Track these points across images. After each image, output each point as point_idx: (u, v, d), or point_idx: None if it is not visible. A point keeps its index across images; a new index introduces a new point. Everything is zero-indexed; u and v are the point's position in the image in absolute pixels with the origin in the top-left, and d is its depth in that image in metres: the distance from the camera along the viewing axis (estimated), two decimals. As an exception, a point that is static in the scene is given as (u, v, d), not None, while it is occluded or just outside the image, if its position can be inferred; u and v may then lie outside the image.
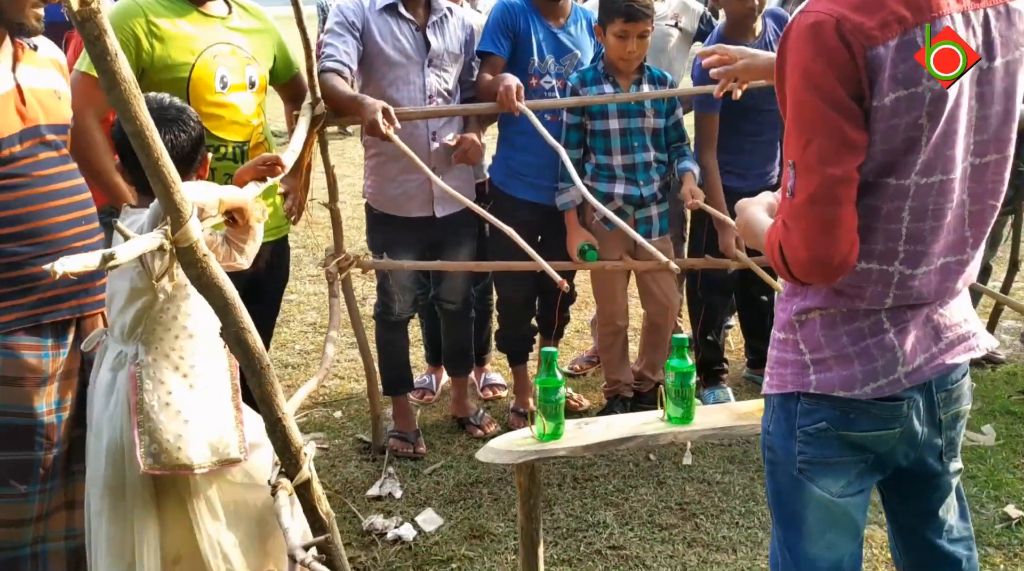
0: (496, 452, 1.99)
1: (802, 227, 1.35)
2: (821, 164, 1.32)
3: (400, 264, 3.12)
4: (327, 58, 2.90)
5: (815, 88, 1.32)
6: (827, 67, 1.30)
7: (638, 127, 3.14)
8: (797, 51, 1.33)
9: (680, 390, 2.12)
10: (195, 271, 1.60)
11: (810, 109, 1.33)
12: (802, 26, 1.32)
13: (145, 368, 1.89)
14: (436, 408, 3.74)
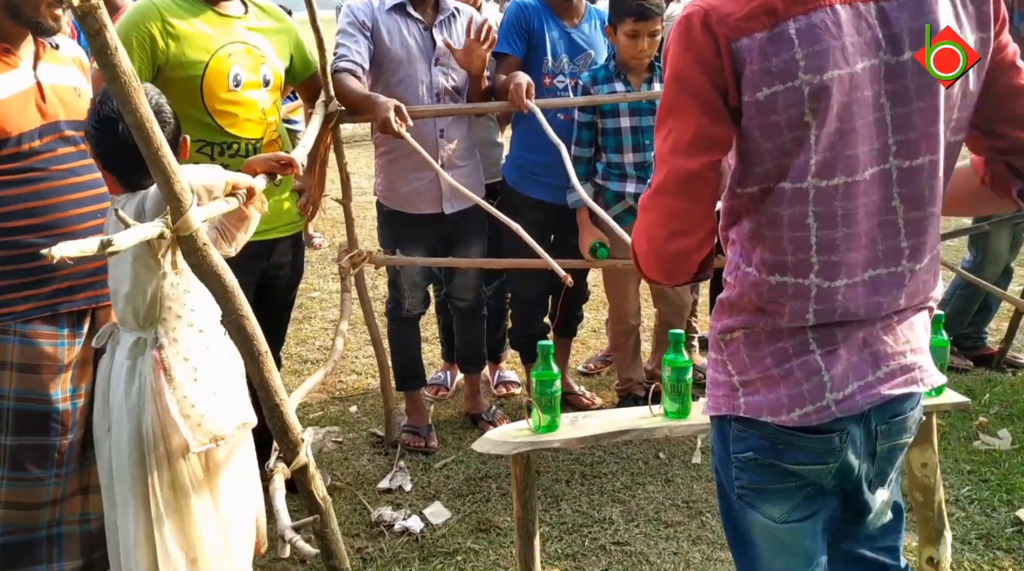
0: (492, 443, 2.02)
1: (648, 218, 1.32)
2: (674, 155, 1.27)
3: (411, 260, 3.16)
4: (340, 58, 2.96)
5: (677, 79, 1.27)
6: (691, 58, 1.25)
7: (649, 125, 3.16)
8: (670, 44, 1.29)
9: (676, 385, 2.13)
10: (195, 259, 1.65)
11: (672, 100, 1.28)
12: (678, 20, 1.29)
13: (168, 349, 1.93)
14: (450, 404, 3.77)
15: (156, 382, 1.90)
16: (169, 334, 1.93)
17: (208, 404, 1.93)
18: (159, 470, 1.90)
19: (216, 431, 1.93)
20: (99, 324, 2.25)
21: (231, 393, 1.99)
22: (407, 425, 3.43)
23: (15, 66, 2.07)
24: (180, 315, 1.94)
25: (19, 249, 2.08)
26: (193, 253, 1.63)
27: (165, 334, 1.93)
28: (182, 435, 1.88)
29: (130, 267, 1.91)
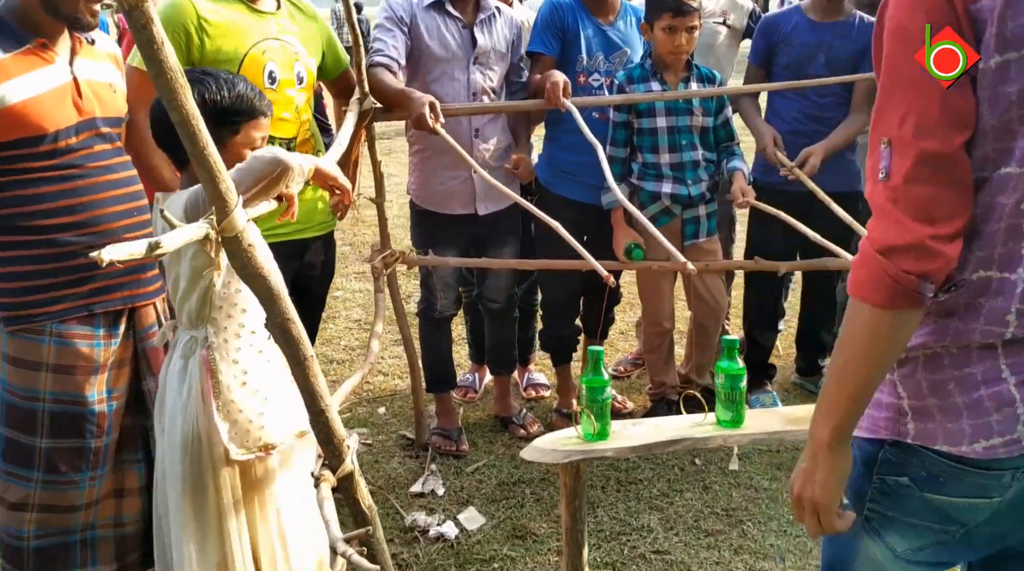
0: (541, 451, 1.97)
1: (898, 210, 1.13)
2: (920, 136, 1.12)
3: (444, 260, 3.12)
4: (376, 52, 2.92)
5: (910, 43, 1.13)
6: (925, 23, 1.11)
7: (686, 125, 3.10)
8: (893, 10, 1.16)
9: (730, 393, 2.07)
10: (240, 261, 1.60)
11: (906, 73, 1.14)
12: None
13: (217, 349, 1.87)
14: (479, 407, 3.73)
15: (203, 383, 1.85)
16: (219, 334, 1.88)
17: (257, 410, 1.88)
18: (206, 475, 1.85)
19: (266, 439, 1.88)
20: (136, 324, 2.21)
21: (286, 399, 1.93)
22: (437, 428, 3.38)
23: (52, 61, 2.03)
24: (231, 315, 1.89)
25: (55, 248, 2.05)
26: (238, 254, 1.59)
27: (215, 334, 1.87)
28: (223, 441, 1.83)
29: (187, 265, 1.86)
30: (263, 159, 1.71)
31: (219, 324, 1.88)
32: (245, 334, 1.90)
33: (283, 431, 1.91)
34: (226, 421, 1.84)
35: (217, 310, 1.88)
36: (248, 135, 1.91)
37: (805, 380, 3.76)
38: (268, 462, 1.90)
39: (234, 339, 1.89)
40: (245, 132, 1.90)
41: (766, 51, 3.32)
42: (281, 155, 1.73)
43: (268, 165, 1.70)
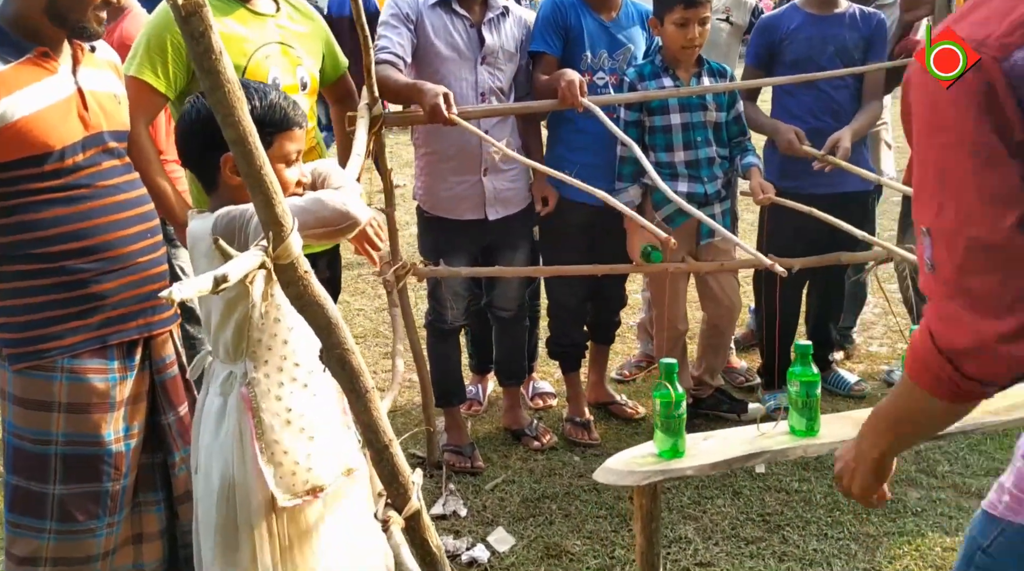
0: (617, 473, 1.86)
1: (956, 306, 1.05)
2: (966, 225, 1.02)
3: (456, 271, 2.99)
4: (381, 50, 2.78)
5: (936, 130, 1.04)
6: (950, 99, 1.02)
7: (700, 121, 3.02)
8: (918, 89, 1.08)
9: (806, 400, 1.98)
10: (296, 289, 1.47)
11: (938, 158, 1.05)
12: (920, 59, 1.07)
13: (257, 386, 1.71)
14: (485, 419, 3.60)
15: (243, 424, 1.69)
16: (260, 369, 1.72)
17: (304, 450, 1.73)
18: (247, 525, 1.69)
19: (314, 481, 1.74)
20: (153, 354, 2.05)
21: (333, 436, 1.79)
22: (448, 444, 3.25)
23: (55, 72, 1.86)
24: (272, 347, 1.73)
25: (65, 275, 1.88)
26: (293, 283, 1.45)
27: (256, 369, 1.71)
28: (268, 487, 1.68)
29: (218, 296, 1.70)
30: (332, 206, 1.59)
31: (259, 358, 1.73)
32: (288, 367, 1.75)
33: (331, 470, 1.77)
34: (270, 465, 1.69)
35: (256, 343, 1.72)
36: (282, 148, 1.76)
37: (814, 377, 3.71)
38: (316, 505, 1.75)
39: (276, 373, 1.74)
40: (279, 144, 1.75)
41: (766, 51, 3.24)
42: (352, 208, 1.61)
43: (336, 216, 1.59)
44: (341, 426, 1.83)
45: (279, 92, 1.80)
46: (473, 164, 2.96)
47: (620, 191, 3.07)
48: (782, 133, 3.10)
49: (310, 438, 1.74)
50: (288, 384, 1.75)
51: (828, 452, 1.99)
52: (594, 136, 3.07)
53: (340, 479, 1.79)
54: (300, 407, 1.75)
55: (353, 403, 1.57)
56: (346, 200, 1.65)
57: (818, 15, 3.21)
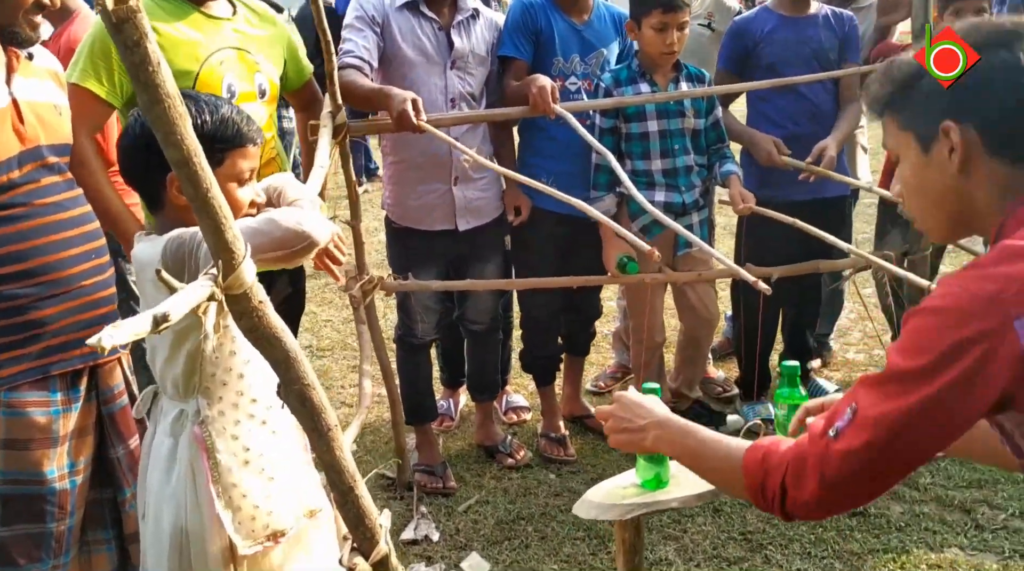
0: (598, 507, 1.74)
1: (823, 474, 1.10)
2: (889, 442, 1.07)
3: (427, 285, 2.87)
4: (345, 54, 2.66)
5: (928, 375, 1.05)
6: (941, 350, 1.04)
7: (678, 128, 2.93)
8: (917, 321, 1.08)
9: None
10: (249, 322, 1.34)
11: (908, 398, 1.05)
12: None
13: (212, 424, 1.58)
14: (457, 436, 3.49)
15: (197, 466, 1.56)
16: (214, 406, 1.59)
17: (264, 492, 1.60)
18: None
19: (275, 525, 1.61)
20: (100, 384, 1.91)
21: (294, 475, 1.66)
22: (420, 464, 3.13)
23: (-14, 83, 1.71)
24: (226, 382, 1.60)
25: (2, 302, 1.74)
26: (247, 315, 1.33)
27: (209, 406, 1.58)
28: (226, 534, 1.55)
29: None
30: (286, 226, 1.47)
31: (213, 394, 1.60)
32: (244, 403, 1.63)
33: (293, 513, 1.64)
34: (228, 509, 1.55)
35: (209, 378, 1.59)
36: (235, 166, 1.63)
37: (792, 385, 3.64)
38: (277, 551, 1.63)
39: (232, 410, 1.61)
40: (231, 162, 1.62)
41: (740, 55, 3.15)
42: (309, 227, 1.48)
43: (292, 236, 1.47)
44: (303, 464, 1.71)
45: (232, 106, 1.67)
46: (443, 173, 2.84)
47: (595, 200, 2.96)
48: (760, 144, 3.01)
49: (270, 479, 1.62)
50: (245, 421, 1.62)
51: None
52: (566, 143, 2.97)
53: (303, 522, 1.67)
54: (259, 446, 1.62)
55: (315, 442, 1.45)
56: (301, 218, 1.52)
57: (792, 17, 3.14)
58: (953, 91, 1.14)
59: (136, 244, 1.65)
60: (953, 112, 1.14)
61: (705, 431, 1.35)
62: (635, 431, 1.42)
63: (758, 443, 1.23)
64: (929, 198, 1.21)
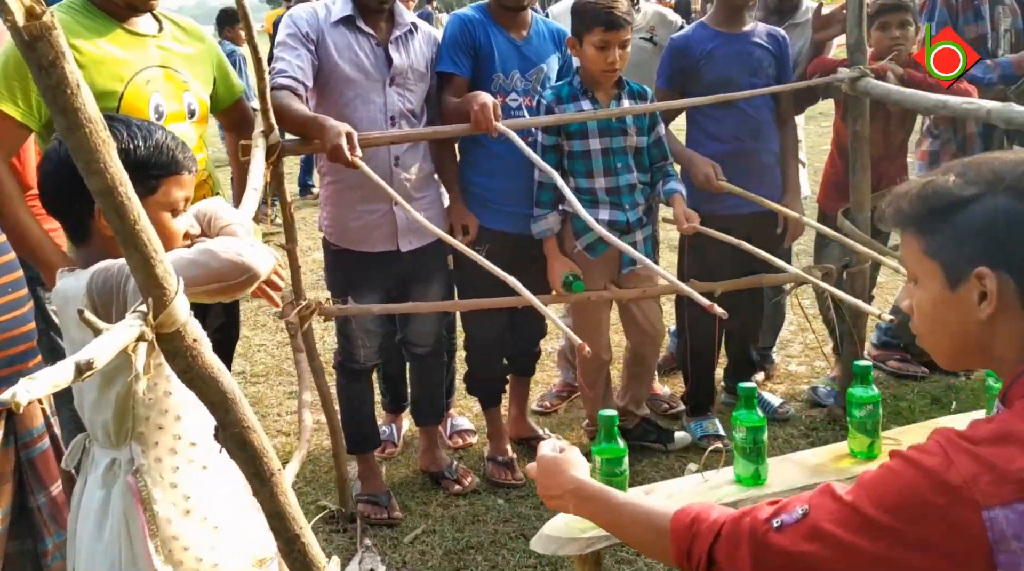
0: (557, 541, 1.68)
1: (764, 562, 1.11)
2: (815, 541, 1.07)
3: (368, 308, 2.77)
4: (278, 73, 2.55)
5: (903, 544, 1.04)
6: None
7: (620, 146, 2.89)
8: None
9: (753, 447, 1.85)
10: (183, 362, 1.24)
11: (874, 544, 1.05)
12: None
13: (147, 473, 1.47)
14: (401, 462, 3.38)
15: (131, 519, 1.44)
16: (150, 453, 1.47)
17: (208, 542, 1.48)
18: None
19: None
20: (18, 427, 1.77)
21: (239, 522, 1.55)
22: (362, 494, 3.02)
23: None
24: (162, 426, 1.49)
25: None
26: (180, 354, 1.23)
27: (144, 453, 1.47)
28: None
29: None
30: (226, 257, 1.37)
31: (148, 440, 1.48)
32: (183, 448, 1.51)
33: (239, 562, 1.53)
34: (168, 564, 1.44)
35: (143, 422, 1.48)
36: (169, 194, 1.52)
37: (734, 400, 3.64)
38: None
39: (169, 456, 1.50)
40: (166, 190, 1.52)
41: (681, 73, 3.14)
42: (250, 258, 1.38)
43: (232, 268, 1.37)
44: (248, 508, 1.60)
45: (166, 131, 1.57)
46: (383, 192, 2.74)
47: (539, 218, 2.92)
48: (700, 166, 3.00)
49: (214, 528, 1.51)
50: (184, 467, 1.51)
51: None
52: (508, 161, 2.92)
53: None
54: (200, 492, 1.51)
55: (256, 488, 1.34)
56: (241, 249, 1.43)
57: (731, 33, 3.14)
58: (994, 236, 1.08)
59: (59, 280, 1.52)
60: (990, 258, 1.08)
61: (621, 495, 1.36)
62: (556, 498, 1.41)
63: (687, 507, 1.24)
64: (945, 332, 1.17)
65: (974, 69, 3.31)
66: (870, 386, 1.93)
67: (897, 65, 3.09)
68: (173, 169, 1.52)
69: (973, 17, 3.37)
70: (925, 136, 3.61)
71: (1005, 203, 1.08)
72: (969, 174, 1.12)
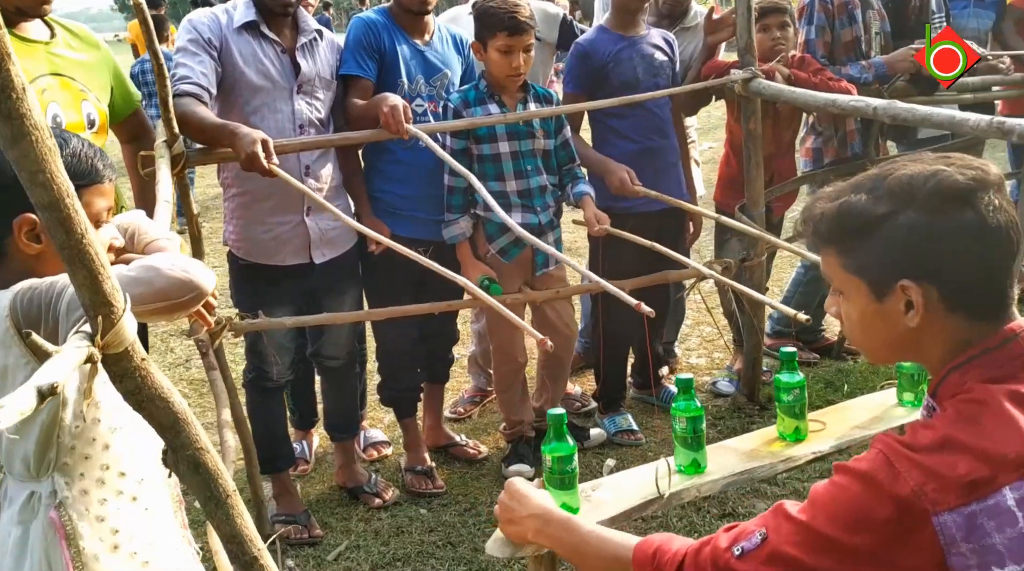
0: (513, 544, 1.66)
1: None
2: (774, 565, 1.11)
3: (281, 322, 2.69)
4: (181, 80, 2.44)
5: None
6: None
7: (529, 149, 2.92)
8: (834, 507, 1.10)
9: (692, 436, 1.88)
10: (132, 383, 1.17)
11: None
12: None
13: (72, 506, 1.37)
14: (315, 479, 3.29)
15: (53, 557, 1.34)
16: (75, 485, 1.37)
17: None
18: None
19: None
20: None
21: (171, 555, 1.46)
22: (279, 514, 2.92)
23: None
24: (89, 455, 1.39)
25: None
26: (129, 376, 1.16)
27: (69, 486, 1.36)
28: None
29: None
30: (171, 274, 1.29)
31: (73, 471, 1.38)
32: (111, 478, 1.42)
33: None
34: None
35: (68, 452, 1.38)
36: (92, 206, 1.43)
37: (644, 394, 3.73)
38: None
39: (97, 487, 1.40)
40: (88, 201, 1.42)
41: (590, 77, 3.19)
42: (196, 275, 1.31)
43: (177, 286, 1.29)
44: (180, 541, 1.52)
45: (81, 139, 1.47)
46: (295, 203, 2.68)
47: (450, 223, 2.91)
48: (615, 172, 3.05)
49: (144, 563, 1.42)
50: (113, 499, 1.42)
51: (723, 488, 1.92)
52: (414, 166, 2.90)
53: None
54: (130, 526, 1.42)
55: (211, 512, 1.28)
56: (187, 266, 1.36)
57: (631, 37, 3.22)
58: (913, 250, 1.11)
59: None
60: (911, 270, 1.12)
61: (585, 525, 1.38)
62: (516, 522, 1.44)
63: (649, 538, 1.27)
64: (876, 337, 1.21)
65: (851, 70, 3.53)
66: (796, 372, 2.01)
67: (784, 66, 3.25)
68: (94, 178, 1.43)
69: (848, 21, 3.58)
70: (809, 134, 3.79)
71: (918, 218, 1.11)
72: (879, 190, 1.15)
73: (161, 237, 1.57)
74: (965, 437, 1.06)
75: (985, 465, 1.04)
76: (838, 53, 3.60)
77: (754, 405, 3.57)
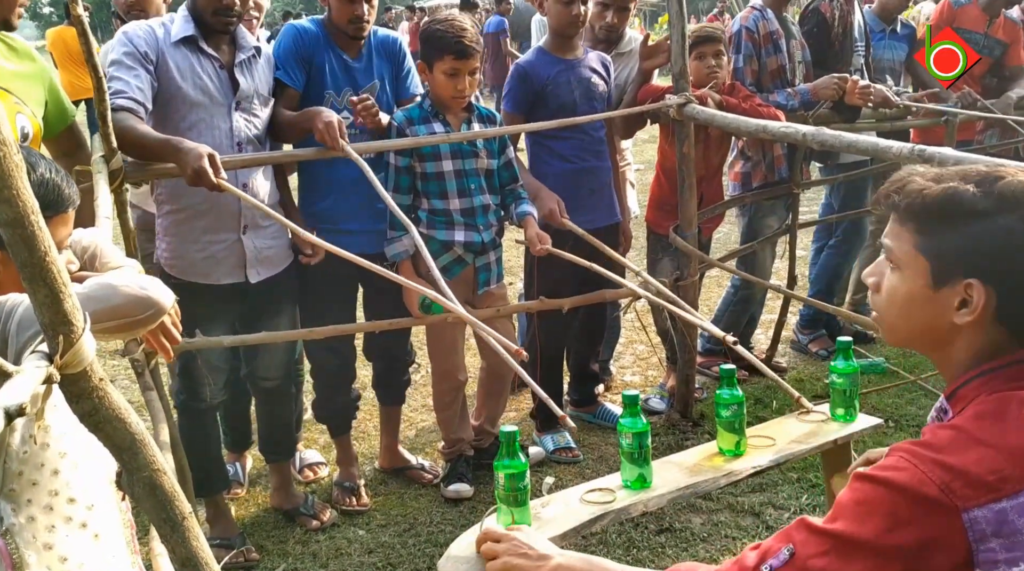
0: (468, 561, 1.65)
1: None
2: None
3: (218, 341, 2.64)
4: (117, 94, 2.38)
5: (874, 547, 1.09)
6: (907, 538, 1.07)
7: (473, 168, 2.94)
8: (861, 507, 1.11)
9: (639, 452, 1.92)
10: (90, 404, 1.14)
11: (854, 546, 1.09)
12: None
13: (19, 534, 1.31)
14: (249, 502, 3.22)
15: None
16: (22, 512, 1.31)
17: None
18: None
19: None
20: None
21: None
22: (214, 538, 2.85)
23: None
24: (37, 481, 1.33)
25: None
26: (86, 396, 1.13)
27: (16, 512, 1.31)
28: None
29: None
30: (128, 292, 1.26)
31: (19, 497, 1.33)
32: (60, 505, 1.37)
33: None
34: None
35: (15, 478, 1.32)
36: (56, 234, 1.38)
37: (581, 412, 3.77)
38: None
39: (45, 515, 1.35)
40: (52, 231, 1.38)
41: (529, 98, 3.24)
42: (154, 293, 1.28)
43: (135, 304, 1.26)
44: (129, 568, 1.48)
45: (49, 162, 1.42)
46: (231, 221, 2.64)
47: (393, 241, 2.90)
48: (545, 201, 3.08)
49: None
50: (62, 526, 1.36)
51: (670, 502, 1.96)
52: (347, 181, 2.87)
53: None
54: (78, 554, 1.37)
55: (167, 535, 1.25)
56: (145, 283, 1.33)
57: (569, 59, 3.29)
58: (996, 253, 1.11)
59: None
60: (983, 272, 1.12)
61: (608, 562, 1.35)
62: (536, 558, 1.41)
63: (675, 568, 1.28)
64: (910, 320, 1.21)
65: (778, 96, 3.67)
66: (735, 388, 2.07)
67: (715, 93, 3.36)
68: (59, 208, 1.38)
69: (773, 50, 3.72)
70: (738, 159, 3.92)
71: (1017, 227, 1.11)
72: (987, 187, 1.14)
73: (126, 264, 1.53)
74: (989, 435, 1.08)
75: (1012, 462, 1.05)
76: (765, 80, 3.73)
77: (687, 421, 3.64)
